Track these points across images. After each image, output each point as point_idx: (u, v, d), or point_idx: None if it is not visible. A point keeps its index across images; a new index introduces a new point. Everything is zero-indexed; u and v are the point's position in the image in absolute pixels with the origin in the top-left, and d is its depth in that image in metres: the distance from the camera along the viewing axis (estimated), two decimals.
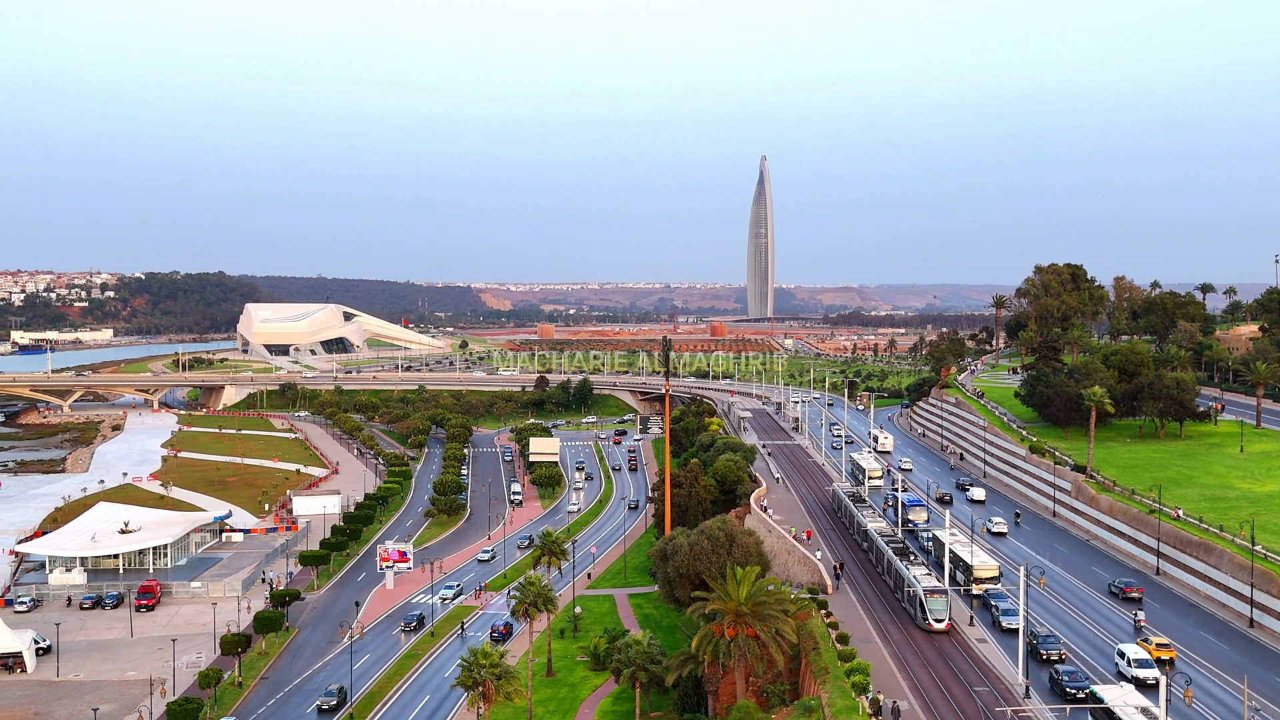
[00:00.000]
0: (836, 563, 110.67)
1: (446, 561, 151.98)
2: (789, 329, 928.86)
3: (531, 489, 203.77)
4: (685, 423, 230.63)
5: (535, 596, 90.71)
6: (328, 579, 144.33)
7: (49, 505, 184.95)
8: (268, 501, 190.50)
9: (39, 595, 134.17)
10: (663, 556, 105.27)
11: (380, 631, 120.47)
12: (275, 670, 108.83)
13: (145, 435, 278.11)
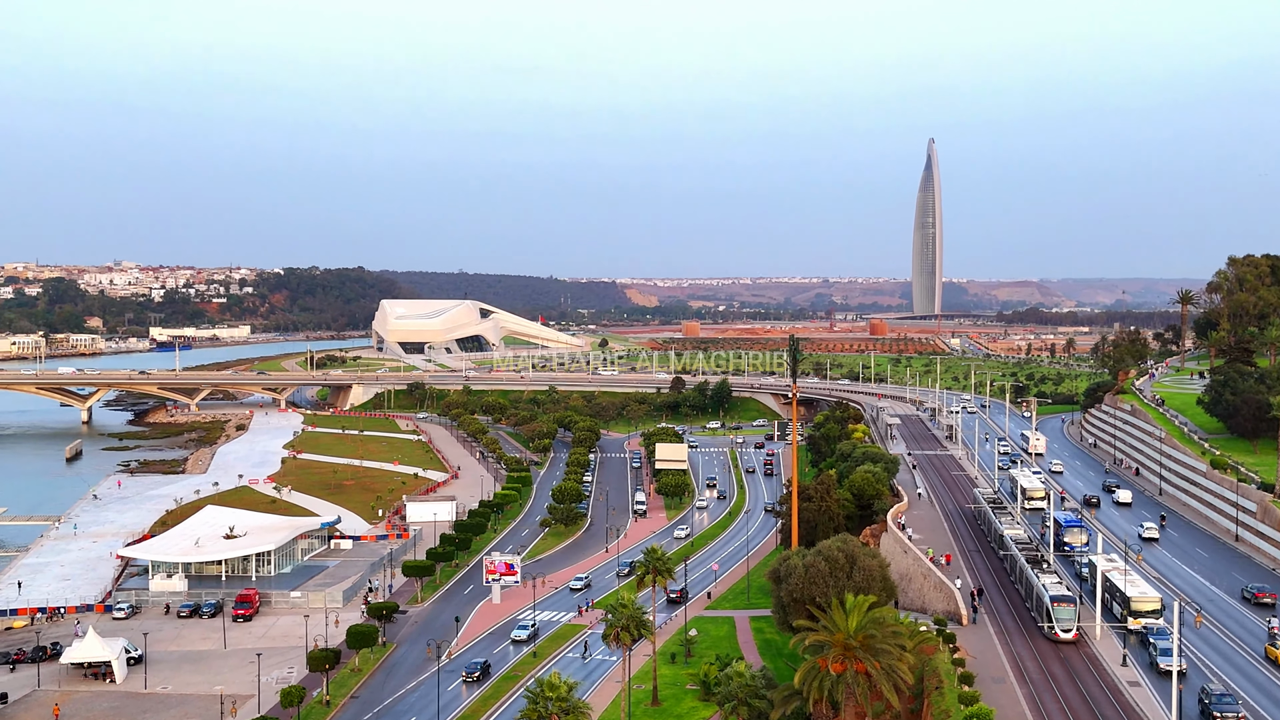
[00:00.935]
0: (975, 588, 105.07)
1: (559, 575, 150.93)
2: (957, 327, 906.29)
3: (657, 499, 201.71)
4: (826, 429, 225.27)
5: (627, 620, 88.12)
6: (433, 591, 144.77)
7: (162, 507, 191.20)
8: (381, 507, 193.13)
9: (138, 602, 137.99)
10: (776, 578, 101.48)
11: (481, 651, 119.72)
12: (367, 689, 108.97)
13: (269, 435, 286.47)
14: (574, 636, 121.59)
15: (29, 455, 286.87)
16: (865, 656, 74.55)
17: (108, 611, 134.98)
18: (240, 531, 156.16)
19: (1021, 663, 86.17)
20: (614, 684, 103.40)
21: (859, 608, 76.88)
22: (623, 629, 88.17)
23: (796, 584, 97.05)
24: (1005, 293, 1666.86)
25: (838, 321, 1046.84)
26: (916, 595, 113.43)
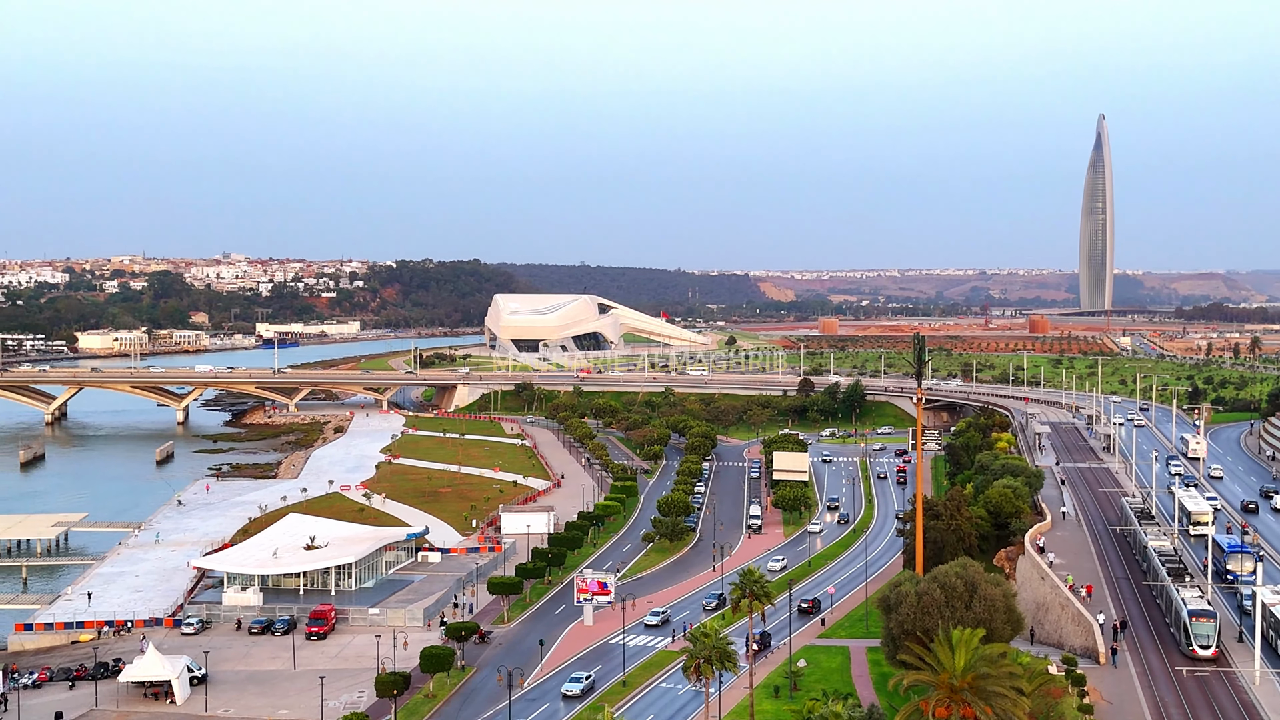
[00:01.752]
0: (1116, 620, 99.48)
1: (661, 595, 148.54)
2: (1130, 324, 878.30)
3: (774, 512, 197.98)
4: (966, 438, 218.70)
5: (710, 651, 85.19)
6: (522, 610, 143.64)
7: (247, 515, 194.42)
8: (475, 517, 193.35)
9: (209, 617, 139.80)
10: (886, 607, 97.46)
11: (568, 677, 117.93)
12: (439, 718, 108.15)
13: (367, 439, 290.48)
14: (670, 664, 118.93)
15: (120, 458, 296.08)
16: (974, 700, 70.50)
17: (177, 626, 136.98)
18: (321, 542, 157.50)
19: (1165, 709, 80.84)
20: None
21: (968, 644, 72.77)
22: (704, 661, 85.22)
23: (907, 614, 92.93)
24: (1186, 286, 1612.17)
25: (994, 318, 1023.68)
26: (1054, 628, 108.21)
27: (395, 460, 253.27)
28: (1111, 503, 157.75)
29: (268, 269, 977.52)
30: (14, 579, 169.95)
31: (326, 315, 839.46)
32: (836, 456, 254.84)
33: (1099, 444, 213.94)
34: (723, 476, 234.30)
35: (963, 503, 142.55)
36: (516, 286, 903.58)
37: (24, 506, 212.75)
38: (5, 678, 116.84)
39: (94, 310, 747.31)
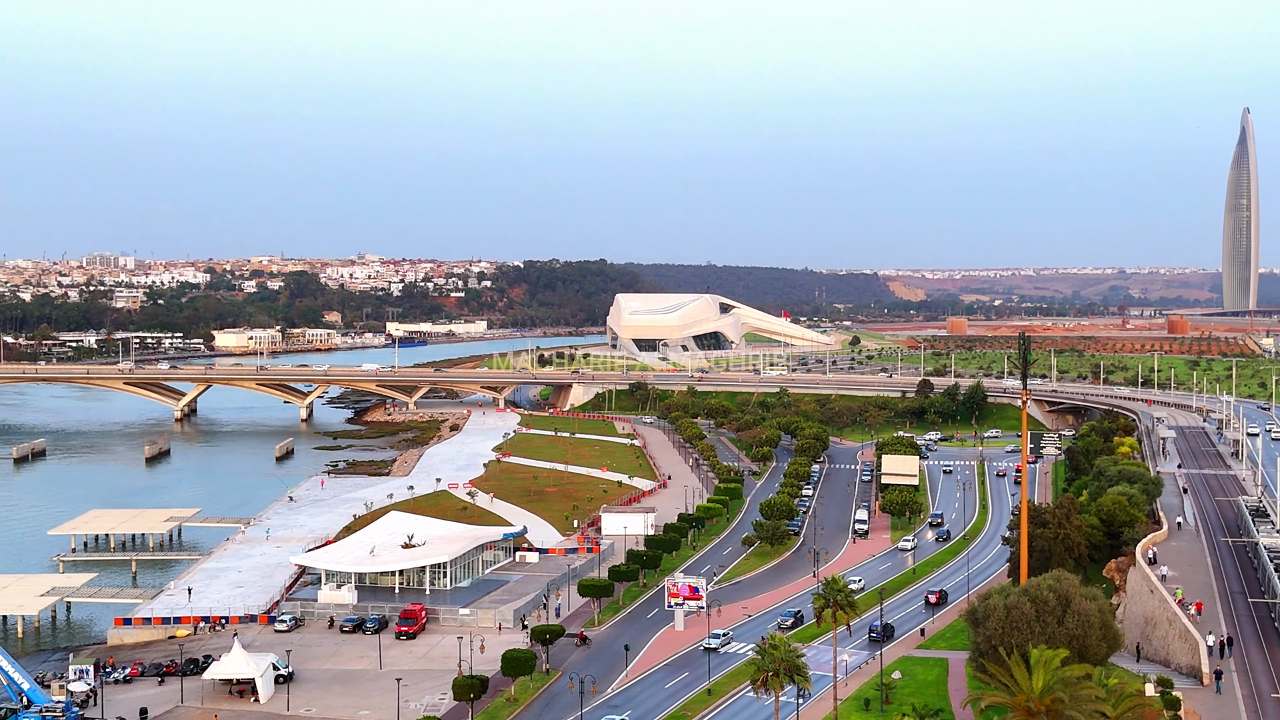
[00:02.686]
0: (1222, 637, 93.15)
1: (757, 601, 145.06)
2: (1275, 324, 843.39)
3: (883, 517, 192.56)
4: (1087, 442, 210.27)
5: (778, 664, 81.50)
6: (613, 613, 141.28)
7: (353, 512, 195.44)
8: (576, 517, 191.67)
9: (302, 614, 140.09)
10: (974, 620, 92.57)
11: (653, 684, 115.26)
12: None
13: (481, 437, 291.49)
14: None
15: (241, 454, 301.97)
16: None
17: (271, 623, 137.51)
18: (419, 540, 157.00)
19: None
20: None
21: (1047, 664, 68.14)
22: (772, 674, 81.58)
23: (995, 628, 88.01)
24: None
25: (1132, 318, 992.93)
26: (1161, 645, 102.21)
27: (505, 459, 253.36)
28: (1235, 512, 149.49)
29: (399, 269, 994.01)
30: (124, 573, 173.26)
31: (455, 315, 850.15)
32: (953, 460, 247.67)
33: (1228, 449, 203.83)
34: (833, 479, 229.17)
35: (1072, 510, 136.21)
36: (642, 286, 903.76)
37: (144, 501, 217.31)
38: (97, 672, 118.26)
39: (232, 309, 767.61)
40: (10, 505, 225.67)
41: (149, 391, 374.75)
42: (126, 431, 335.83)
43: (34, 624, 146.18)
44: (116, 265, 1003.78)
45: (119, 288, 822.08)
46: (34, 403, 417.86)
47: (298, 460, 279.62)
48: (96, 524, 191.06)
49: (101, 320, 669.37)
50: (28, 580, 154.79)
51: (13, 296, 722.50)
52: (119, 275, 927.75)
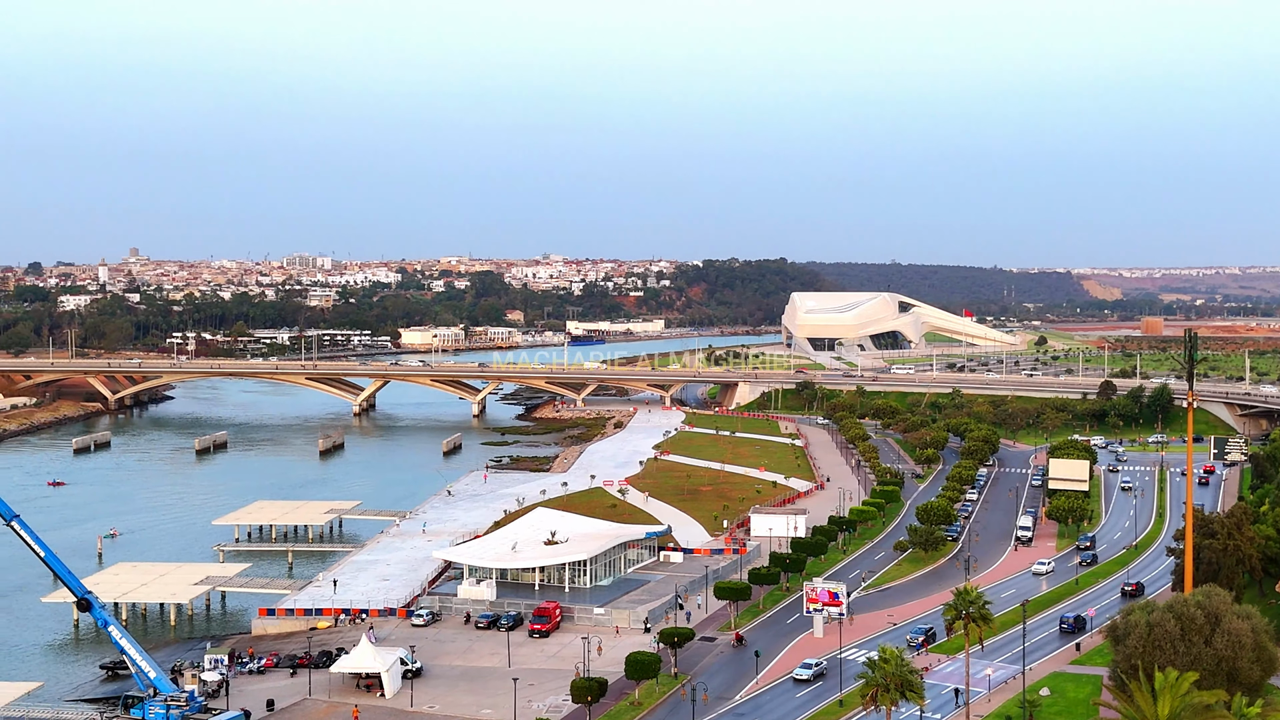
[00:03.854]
0: None
1: (904, 609, 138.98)
2: None
3: (1049, 524, 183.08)
4: (1275, 447, 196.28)
5: (889, 678, 76.23)
6: (752, 617, 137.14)
7: (508, 507, 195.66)
8: (726, 517, 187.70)
9: (440, 609, 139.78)
10: (1115, 637, 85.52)
11: (782, 692, 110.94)
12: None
13: (643, 434, 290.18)
14: None
15: (410, 449, 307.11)
16: None
17: (409, 617, 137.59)
18: (561, 538, 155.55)
19: None
20: None
21: (1174, 690, 61.75)
22: (883, 690, 76.39)
23: (1135, 646, 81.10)
24: None
25: None
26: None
27: (663, 457, 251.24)
28: None
29: (581, 269, 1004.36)
30: (281, 564, 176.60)
31: (633, 313, 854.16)
32: (1136, 465, 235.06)
33: None
34: (1001, 484, 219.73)
35: (1245, 520, 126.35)
36: (823, 285, 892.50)
37: (313, 493, 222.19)
38: (231, 662, 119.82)
39: (419, 308, 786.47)
40: (184, 495, 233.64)
41: (329, 387, 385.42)
42: (306, 425, 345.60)
43: (187, 612, 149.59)
44: (314, 265, 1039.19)
45: (314, 287, 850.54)
46: (226, 397, 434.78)
47: (464, 455, 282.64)
48: (259, 515, 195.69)
49: (295, 318, 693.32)
50: (185, 569, 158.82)
51: (214, 295, 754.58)
52: (315, 275, 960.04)
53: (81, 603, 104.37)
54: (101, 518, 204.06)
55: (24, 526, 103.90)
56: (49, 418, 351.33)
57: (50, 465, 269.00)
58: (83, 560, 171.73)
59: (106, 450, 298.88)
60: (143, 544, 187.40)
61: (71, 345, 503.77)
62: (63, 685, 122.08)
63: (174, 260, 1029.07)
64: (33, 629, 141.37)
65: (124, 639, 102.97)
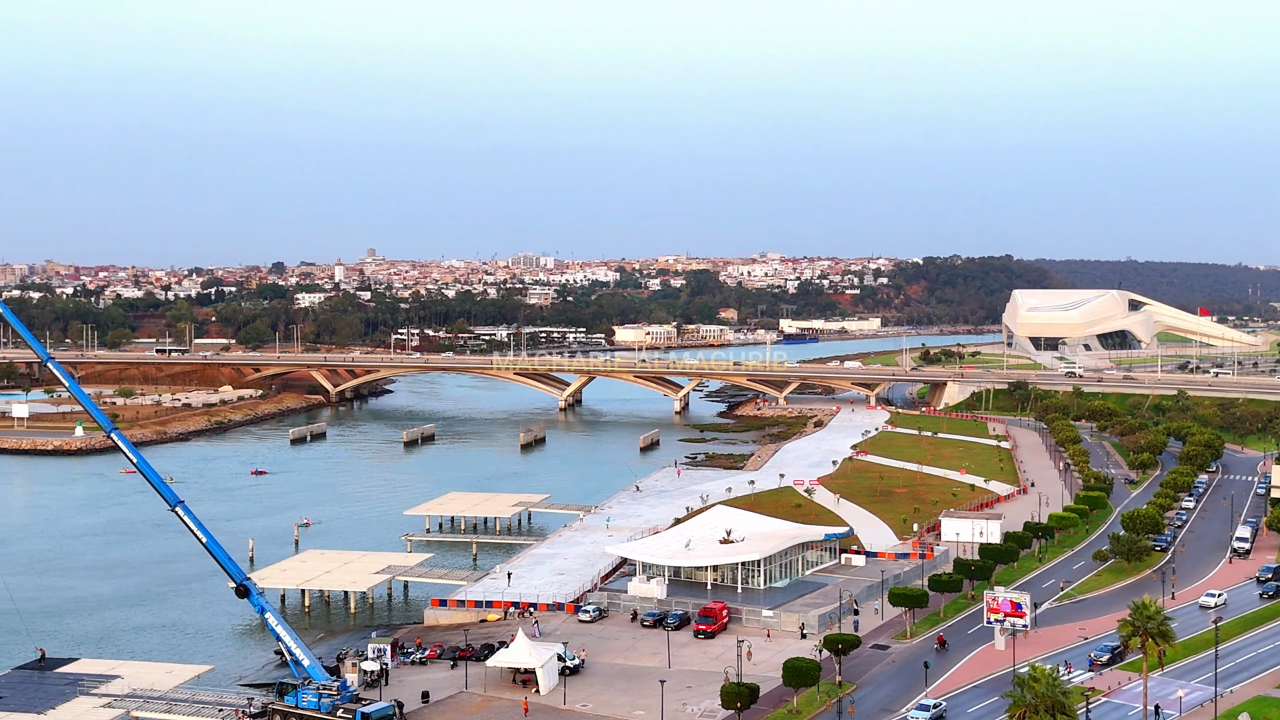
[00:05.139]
0: None
1: (1099, 623, 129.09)
2: None
3: (1270, 535, 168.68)
4: None
5: (1039, 699, 69.13)
6: (930, 626, 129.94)
7: (691, 505, 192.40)
8: (917, 520, 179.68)
9: (609, 605, 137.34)
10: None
11: (954, 707, 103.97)
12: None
13: (842, 434, 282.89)
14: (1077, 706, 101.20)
15: (609, 444, 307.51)
16: None
17: (577, 612, 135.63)
18: (738, 536, 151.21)
19: None
20: None
21: None
22: (1031, 711, 69.39)
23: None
24: None
25: None
26: None
27: (860, 457, 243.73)
28: None
29: (797, 267, 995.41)
30: (465, 555, 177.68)
31: (849, 312, 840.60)
32: None
33: None
34: (1222, 491, 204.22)
35: None
36: (1050, 283, 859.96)
37: (509, 486, 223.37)
38: (394, 652, 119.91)
39: (633, 306, 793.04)
40: (384, 485, 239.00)
41: (537, 382, 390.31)
42: (512, 419, 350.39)
43: (367, 600, 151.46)
44: (537, 265, 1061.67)
45: (535, 285, 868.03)
46: (442, 391, 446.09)
47: (661, 452, 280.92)
48: (450, 506, 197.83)
49: (515, 315, 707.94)
50: (369, 558, 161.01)
51: (439, 294, 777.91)
52: (538, 274, 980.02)
53: (240, 589, 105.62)
54: (302, 506, 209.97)
55: (187, 512, 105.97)
56: (272, 409, 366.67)
57: (266, 455, 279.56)
58: (279, 547, 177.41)
59: (322, 441, 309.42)
60: (337, 532, 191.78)
61: (297, 339, 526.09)
62: (234, 669, 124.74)
63: (407, 260, 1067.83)
64: (221, 613, 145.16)
65: (280, 626, 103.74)
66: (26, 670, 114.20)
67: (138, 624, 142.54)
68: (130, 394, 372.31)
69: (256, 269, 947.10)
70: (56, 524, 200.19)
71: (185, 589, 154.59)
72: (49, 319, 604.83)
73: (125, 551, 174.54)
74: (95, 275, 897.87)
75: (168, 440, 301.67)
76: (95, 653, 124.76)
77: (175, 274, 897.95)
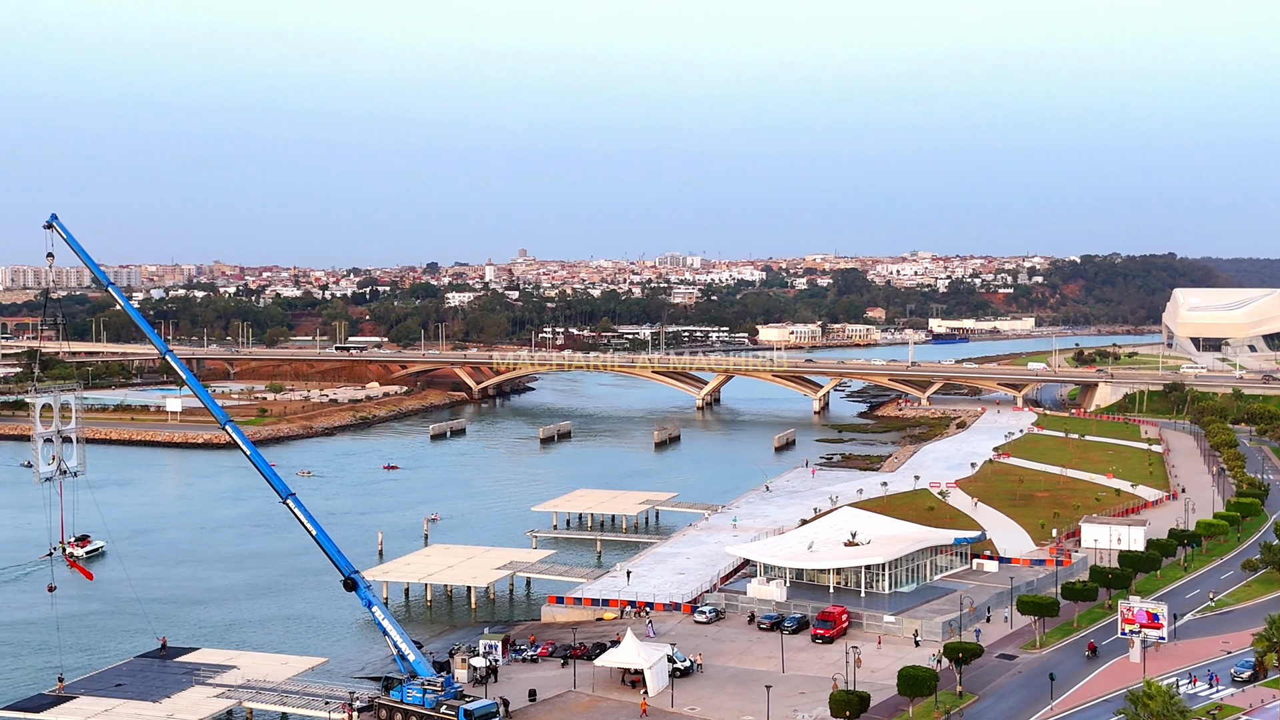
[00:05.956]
0: None
1: (1243, 638, 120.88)
2: None
3: None
4: None
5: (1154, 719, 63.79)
6: (1062, 636, 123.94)
7: (819, 506, 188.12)
8: (1056, 526, 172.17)
9: (726, 606, 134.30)
10: None
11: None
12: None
13: (985, 436, 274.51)
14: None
15: (744, 443, 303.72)
16: None
17: (693, 613, 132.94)
18: (863, 539, 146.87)
19: None
20: None
21: None
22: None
23: None
24: None
25: None
26: None
27: (1002, 459, 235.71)
28: None
29: (948, 265, 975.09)
30: (589, 552, 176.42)
31: (1001, 311, 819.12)
32: None
33: None
34: None
35: None
36: (1216, 281, 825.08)
37: (640, 484, 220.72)
38: (505, 649, 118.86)
39: (778, 305, 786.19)
40: (516, 481, 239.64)
41: (675, 380, 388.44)
42: (649, 417, 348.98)
43: (488, 596, 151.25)
44: (683, 264, 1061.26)
45: (680, 285, 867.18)
46: (583, 389, 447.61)
47: (796, 451, 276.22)
48: (577, 503, 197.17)
49: (659, 314, 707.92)
50: (492, 553, 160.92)
51: (585, 293, 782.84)
52: (684, 274, 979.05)
53: (348, 582, 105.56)
54: (434, 501, 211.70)
55: (298, 504, 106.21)
56: (416, 405, 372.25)
57: (406, 450, 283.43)
58: (408, 541, 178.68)
59: (461, 437, 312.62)
60: (465, 527, 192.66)
61: (441, 337, 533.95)
62: (351, 662, 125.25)
63: (556, 260, 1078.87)
64: (345, 606, 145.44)
65: (386, 620, 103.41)
66: (148, 659, 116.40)
67: (262, 615, 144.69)
68: (280, 389, 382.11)
69: (411, 269, 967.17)
70: (198, 515, 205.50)
71: (313, 581, 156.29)
72: (211, 317, 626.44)
73: (260, 544, 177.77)
74: (259, 275, 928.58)
75: (313, 435, 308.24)
76: (217, 643, 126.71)
77: (334, 274, 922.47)
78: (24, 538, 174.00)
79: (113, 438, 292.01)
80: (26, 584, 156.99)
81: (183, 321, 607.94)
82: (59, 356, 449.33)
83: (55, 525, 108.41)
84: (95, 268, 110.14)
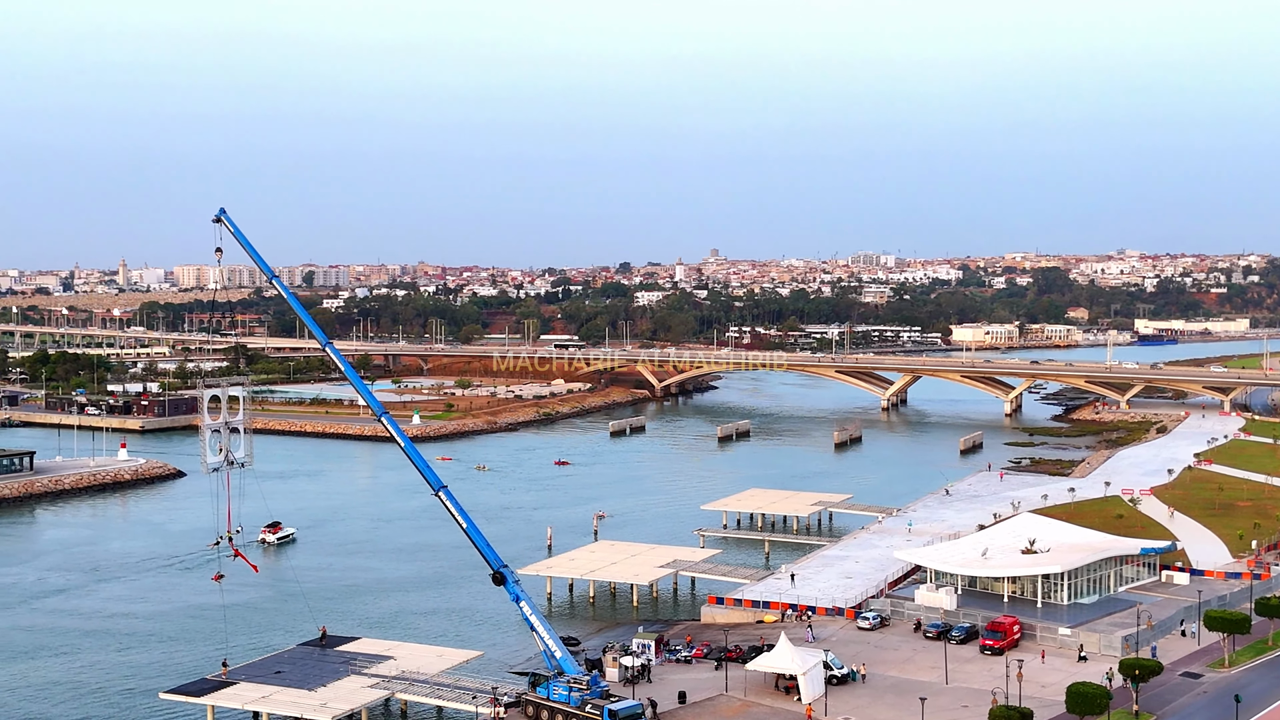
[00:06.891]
0: None
1: None
2: None
3: None
4: None
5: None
6: (1256, 655, 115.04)
7: (1000, 511, 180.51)
8: (1256, 536, 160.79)
9: (891, 613, 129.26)
10: None
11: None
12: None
13: (1186, 441, 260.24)
14: None
15: (928, 445, 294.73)
16: None
17: (856, 619, 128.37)
18: (1042, 546, 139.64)
19: None
20: None
21: None
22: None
23: None
24: None
25: None
26: None
27: (1203, 466, 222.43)
28: None
29: (1157, 264, 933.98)
30: (758, 552, 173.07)
31: (1213, 312, 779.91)
32: None
33: None
34: None
35: None
36: None
37: (814, 484, 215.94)
38: (659, 649, 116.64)
39: (973, 305, 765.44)
40: (690, 479, 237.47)
41: (859, 380, 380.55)
42: (830, 418, 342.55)
43: (651, 594, 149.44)
44: (876, 263, 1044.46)
45: (871, 284, 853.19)
46: (765, 388, 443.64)
47: (983, 454, 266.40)
48: (748, 503, 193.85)
49: (848, 314, 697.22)
50: (657, 551, 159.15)
51: (773, 292, 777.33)
52: (876, 273, 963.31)
53: (496, 576, 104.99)
54: (606, 498, 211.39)
55: (449, 497, 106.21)
56: (599, 402, 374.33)
57: (585, 447, 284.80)
58: (577, 537, 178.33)
59: (640, 434, 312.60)
60: (635, 524, 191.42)
61: (626, 335, 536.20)
62: (507, 656, 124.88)
63: (746, 259, 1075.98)
64: (508, 600, 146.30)
65: (534, 616, 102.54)
66: (308, 647, 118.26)
67: (426, 607, 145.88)
68: (468, 385, 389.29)
69: (604, 268, 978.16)
70: (375, 507, 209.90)
71: (480, 575, 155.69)
72: (410, 315, 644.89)
73: (432, 536, 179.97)
74: (459, 275, 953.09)
75: (497, 430, 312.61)
76: (378, 633, 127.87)
77: (529, 274, 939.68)
78: (212, 527, 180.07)
79: (307, 430, 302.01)
80: (201, 573, 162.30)
81: (383, 319, 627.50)
82: (264, 352, 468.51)
83: (222, 515, 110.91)
84: (261, 261, 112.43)
